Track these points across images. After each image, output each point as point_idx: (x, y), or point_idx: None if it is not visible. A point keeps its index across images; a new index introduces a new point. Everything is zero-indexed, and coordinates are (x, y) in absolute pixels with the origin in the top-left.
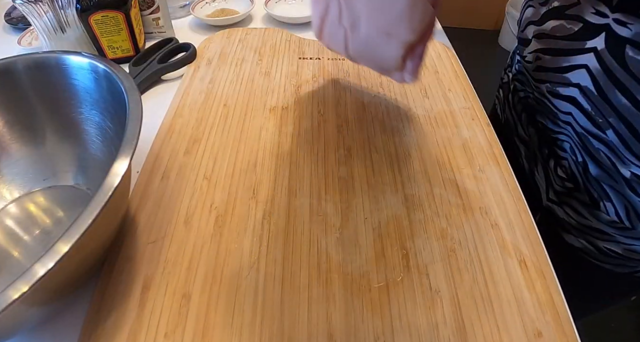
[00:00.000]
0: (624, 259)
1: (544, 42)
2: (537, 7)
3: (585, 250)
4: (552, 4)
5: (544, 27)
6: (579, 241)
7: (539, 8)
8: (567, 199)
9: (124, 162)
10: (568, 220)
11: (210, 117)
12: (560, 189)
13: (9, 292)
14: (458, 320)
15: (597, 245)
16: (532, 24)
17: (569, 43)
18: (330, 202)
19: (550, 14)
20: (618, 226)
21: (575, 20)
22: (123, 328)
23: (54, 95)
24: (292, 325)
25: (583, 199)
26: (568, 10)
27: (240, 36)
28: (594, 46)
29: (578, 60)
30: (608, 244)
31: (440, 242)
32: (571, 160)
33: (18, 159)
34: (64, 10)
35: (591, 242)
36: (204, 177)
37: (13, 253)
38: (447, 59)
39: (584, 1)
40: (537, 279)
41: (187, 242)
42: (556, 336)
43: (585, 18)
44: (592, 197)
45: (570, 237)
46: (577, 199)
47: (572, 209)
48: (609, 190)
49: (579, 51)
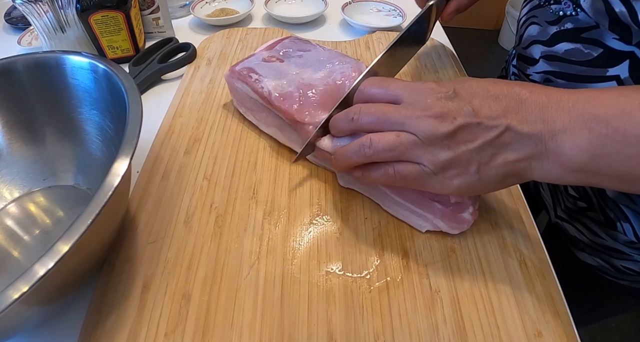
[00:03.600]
0: None
1: (555, 65)
2: (544, 25)
3: (601, 268)
4: (564, 24)
5: (555, 49)
6: (593, 259)
7: (546, 27)
8: (579, 217)
9: (124, 162)
10: (581, 238)
11: (210, 117)
12: (571, 206)
13: (9, 292)
14: (458, 320)
15: (613, 263)
16: (539, 44)
17: (587, 69)
18: (330, 202)
19: (563, 35)
20: (636, 246)
21: (593, 44)
22: (123, 328)
23: (54, 95)
24: (292, 325)
25: (597, 219)
26: (585, 33)
27: (240, 36)
28: (616, 74)
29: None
30: (625, 262)
31: (440, 242)
32: None
33: (18, 159)
34: (64, 10)
35: (607, 261)
36: (204, 177)
37: (13, 253)
38: (447, 59)
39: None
40: (537, 279)
41: (187, 242)
42: (556, 336)
43: (606, 43)
44: (608, 218)
45: (584, 255)
46: (590, 218)
47: (585, 228)
48: (627, 210)
49: (599, 78)
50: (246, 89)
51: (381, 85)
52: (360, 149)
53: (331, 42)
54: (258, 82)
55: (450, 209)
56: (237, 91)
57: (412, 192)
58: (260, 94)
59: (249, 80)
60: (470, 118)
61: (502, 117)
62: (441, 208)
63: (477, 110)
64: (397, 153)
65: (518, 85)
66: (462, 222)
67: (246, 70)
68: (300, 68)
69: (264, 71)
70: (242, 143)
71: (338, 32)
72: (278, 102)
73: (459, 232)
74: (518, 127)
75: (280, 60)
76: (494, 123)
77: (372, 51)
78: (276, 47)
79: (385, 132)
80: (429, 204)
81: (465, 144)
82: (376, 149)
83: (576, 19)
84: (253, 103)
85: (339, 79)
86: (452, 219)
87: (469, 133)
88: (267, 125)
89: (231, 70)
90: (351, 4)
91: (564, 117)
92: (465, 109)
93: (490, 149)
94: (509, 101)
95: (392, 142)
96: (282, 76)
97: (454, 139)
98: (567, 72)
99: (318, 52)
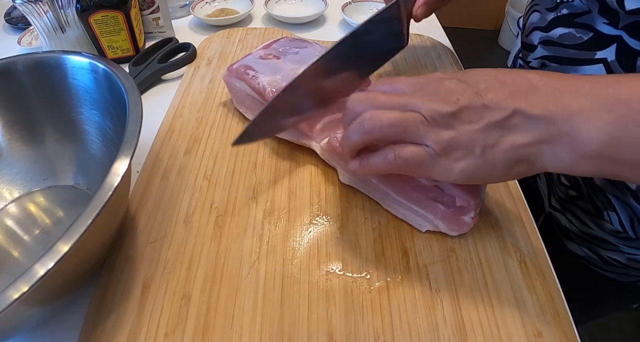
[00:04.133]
0: (627, 268)
1: (550, 50)
2: (544, 12)
3: (588, 258)
4: (561, 10)
5: (551, 34)
6: (581, 249)
7: (545, 14)
8: (570, 207)
9: (124, 162)
10: (571, 228)
11: (210, 117)
12: (563, 196)
13: (9, 292)
14: (458, 320)
15: (600, 254)
16: (538, 30)
17: (578, 52)
18: (330, 202)
19: (559, 21)
20: (622, 236)
21: (585, 29)
22: (123, 328)
23: (54, 95)
24: (292, 325)
25: (586, 208)
26: (578, 18)
27: (240, 36)
28: (604, 57)
29: (586, 70)
30: (611, 253)
31: (440, 242)
32: None
33: (18, 159)
34: (64, 10)
35: (594, 251)
36: (204, 177)
37: (13, 253)
38: (447, 59)
39: (595, 10)
40: (537, 279)
41: (187, 242)
42: (556, 336)
43: (597, 28)
44: (596, 207)
45: (573, 245)
46: (580, 208)
47: (575, 217)
48: (614, 200)
49: (588, 61)
50: (244, 87)
51: (388, 83)
52: (360, 126)
53: (331, 42)
54: (255, 78)
55: (452, 211)
56: (236, 90)
57: (414, 191)
58: (256, 90)
59: (246, 77)
60: (475, 99)
61: (509, 99)
62: (443, 209)
63: (482, 93)
64: (401, 129)
65: (529, 72)
66: (462, 225)
67: (243, 67)
68: (296, 64)
69: (261, 68)
70: None
71: (338, 32)
72: (272, 96)
73: (458, 235)
74: (527, 110)
75: (276, 58)
76: (501, 105)
77: None
78: (273, 45)
79: (389, 109)
80: (431, 205)
81: (470, 123)
82: (377, 122)
83: (572, 4)
84: (252, 101)
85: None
86: (453, 221)
87: (473, 114)
88: None
89: (229, 70)
90: (351, 4)
91: (580, 100)
92: (470, 91)
93: (497, 131)
94: (518, 85)
95: (395, 117)
96: (278, 71)
97: (458, 118)
98: (560, 56)
99: (315, 48)
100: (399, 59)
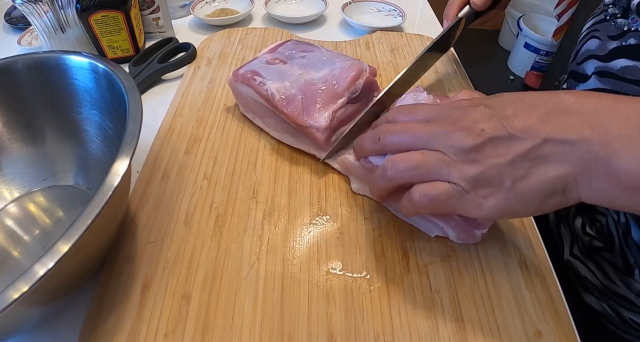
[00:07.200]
0: None
1: (607, 83)
2: (605, 40)
3: (606, 315)
4: (627, 40)
5: (611, 64)
6: (600, 305)
7: (607, 42)
8: (594, 257)
9: (124, 162)
10: (592, 280)
11: (210, 117)
12: (588, 245)
13: (9, 292)
14: (458, 320)
15: (621, 313)
16: (595, 59)
17: None
18: (330, 202)
19: (623, 51)
20: None
21: None
22: (123, 328)
23: (54, 95)
24: (292, 325)
25: (615, 262)
26: None
27: (240, 36)
28: None
29: None
30: (634, 315)
31: (440, 242)
32: (611, 219)
33: (18, 159)
34: (64, 10)
35: (614, 309)
36: (204, 177)
37: (13, 253)
38: (447, 58)
39: None
40: (537, 279)
41: (187, 242)
42: (556, 336)
43: None
44: (627, 263)
45: (591, 299)
46: (607, 260)
47: (599, 269)
48: None
49: None
50: (251, 93)
51: (408, 111)
52: (383, 173)
53: (331, 42)
54: (262, 85)
55: (466, 222)
56: (242, 96)
57: None
58: (264, 97)
59: (253, 83)
60: (500, 129)
61: (539, 125)
62: (458, 219)
63: (509, 121)
64: (423, 171)
65: (563, 92)
66: (471, 237)
67: (250, 73)
68: (303, 68)
69: (268, 73)
70: (242, 143)
71: (338, 32)
72: (281, 105)
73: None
74: (559, 135)
75: (283, 62)
76: (529, 134)
77: (372, 51)
78: (279, 49)
79: (410, 152)
80: (448, 214)
81: (497, 157)
82: (398, 168)
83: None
84: (259, 107)
85: (342, 80)
86: (465, 232)
87: (499, 145)
88: (279, 132)
89: (235, 74)
90: (351, 4)
91: (620, 122)
92: (495, 119)
93: (526, 162)
94: (549, 107)
95: (415, 160)
96: (285, 77)
97: (483, 152)
98: (619, 91)
99: (321, 52)
100: (399, 59)
